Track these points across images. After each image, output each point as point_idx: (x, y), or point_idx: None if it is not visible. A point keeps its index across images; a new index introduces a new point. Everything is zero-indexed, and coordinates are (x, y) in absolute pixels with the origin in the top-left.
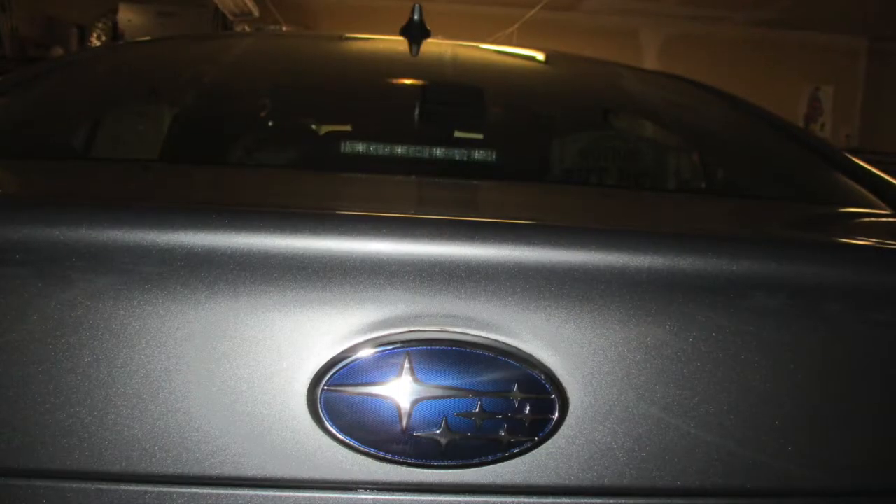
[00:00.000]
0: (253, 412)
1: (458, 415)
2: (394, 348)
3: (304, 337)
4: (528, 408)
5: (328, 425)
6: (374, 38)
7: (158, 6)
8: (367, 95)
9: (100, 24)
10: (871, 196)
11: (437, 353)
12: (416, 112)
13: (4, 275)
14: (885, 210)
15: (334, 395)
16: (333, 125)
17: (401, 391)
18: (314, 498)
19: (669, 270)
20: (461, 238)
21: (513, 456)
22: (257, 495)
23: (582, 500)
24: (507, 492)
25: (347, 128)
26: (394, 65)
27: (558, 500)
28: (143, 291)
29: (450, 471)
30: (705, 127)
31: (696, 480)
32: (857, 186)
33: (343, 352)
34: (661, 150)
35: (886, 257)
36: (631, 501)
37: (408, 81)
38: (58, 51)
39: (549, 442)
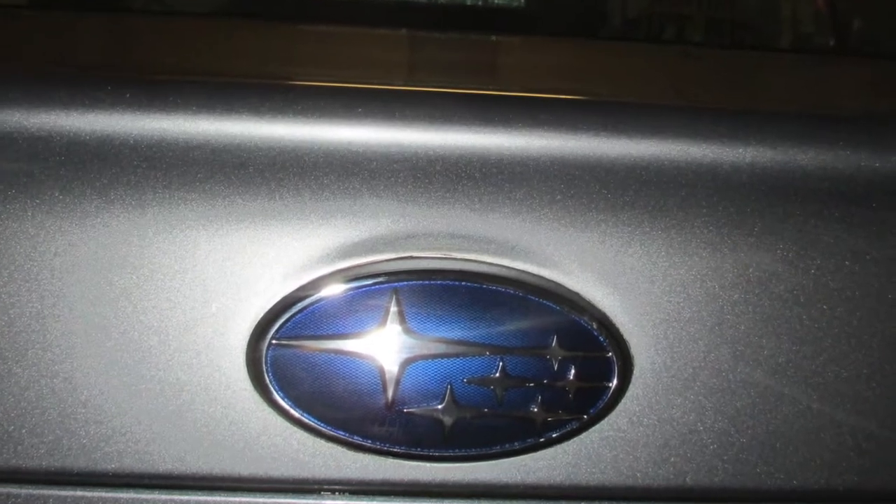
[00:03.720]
0: (166, 379)
1: (469, 382)
2: (374, 283)
3: (243, 267)
4: (572, 371)
5: (277, 397)
6: None
7: None
8: None
9: None
10: None
11: (439, 291)
12: None
13: None
14: None
15: (287, 352)
16: None
17: (385, 347)
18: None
19: (782, 168)
20: (473, 119)
21: (551, 443)
22: (172, 500)
23: None
24: (542, 495)
25: None
26: None
27: None
28: (4, 199)
29: (457, 465)
30: None
31: (821, 478)
32: None
33: (299, 289)
34: None
35: None
36: None
37: None
38: None
39: (605, 422)
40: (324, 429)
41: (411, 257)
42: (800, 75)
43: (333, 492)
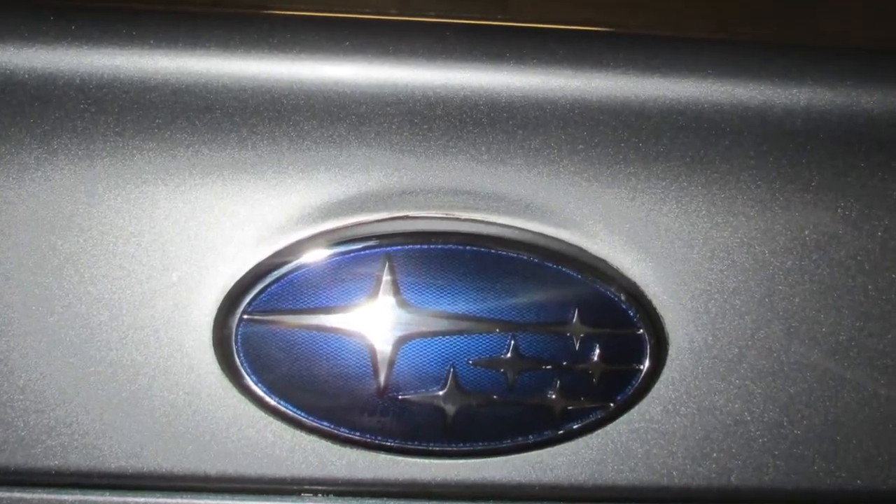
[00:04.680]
0: (118, 360)
1: (475, 364)
2: (364, 248)
3: (209, 228)
4: (596, 351)
5: (249, 382)
6: None
7: None
8: None
9: None
10: None
11: (440, 257)
12: None
13: None
14: None
15: (261, 329)
16: None
17: (376, 323)
18: None
19: (843, 112)
20: (481, 55)
21: (571, 436)
22: (126, 502)
23: None
24: (560, 497)
25: None
26: None
27: None
28: None
29: (460, 461)
30: None
31: (891, 477)
32: None
33: (275, 254)
34: None
35: None
36: None
37: None
38: None
39: (635, 411)
40: (304, 419)
41: (407, 217)
42: (864, 2)
43: (315, 493)
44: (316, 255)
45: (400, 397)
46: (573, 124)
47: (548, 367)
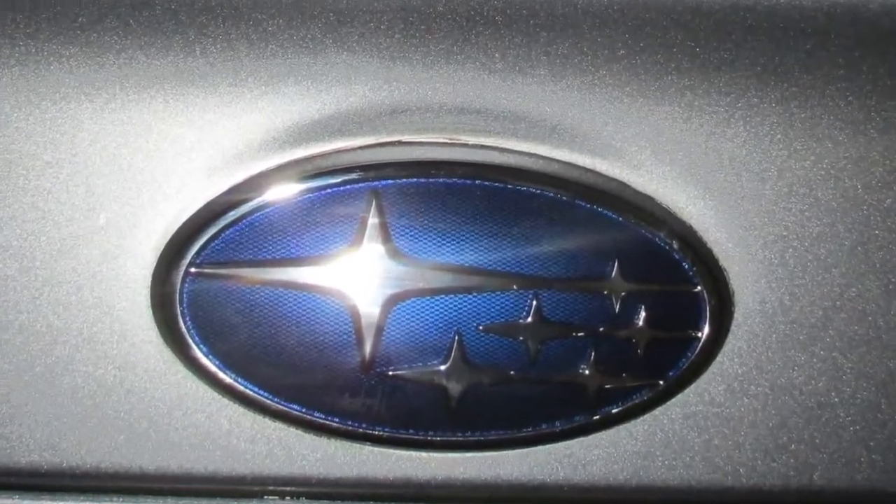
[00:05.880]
0: (31, 326)
1: (486, 330)
2: (344, 182)
3: (147, 156)
4: (642, 314)
5: (198, 353)
6: None
7: None
8: None
9: None
10: None
11: (441, 195)
12: None
13: None
14: None
15: (212, 287)
16: None
17: (360, 278)
18: None
19: None
20: None
21: (609, 422)
22: None
23: None
24: (595, 500)
25: None
26: None
27: None
28: None
29: (468, 455)
30: None
31: None
32: None
33: (231, 190)
34: None
35: None
36: None
37: None
38: None
39: (691, 391)
40: (268, 401)
41: (399, 143)
42: None
43: (283, 494)
44: (283, 192)
45: (390, 373)
46: (612, 24)
47: (580, 334)
